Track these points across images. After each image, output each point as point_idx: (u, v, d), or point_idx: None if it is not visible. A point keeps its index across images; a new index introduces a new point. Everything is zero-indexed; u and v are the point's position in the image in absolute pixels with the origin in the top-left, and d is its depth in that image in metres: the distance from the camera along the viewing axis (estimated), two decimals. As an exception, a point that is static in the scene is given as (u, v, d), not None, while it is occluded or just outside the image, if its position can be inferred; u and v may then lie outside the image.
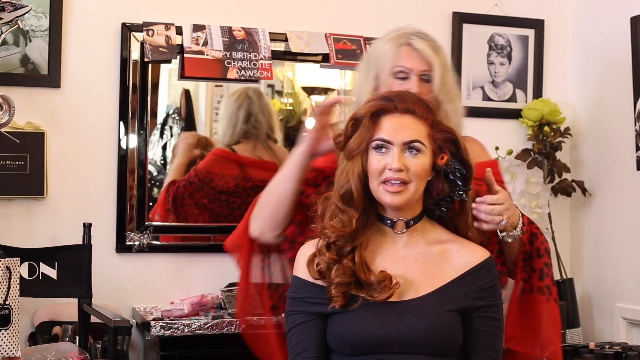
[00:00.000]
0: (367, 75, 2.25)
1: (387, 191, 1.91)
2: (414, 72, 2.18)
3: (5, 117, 2.91)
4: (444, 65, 2.20)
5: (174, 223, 3.41)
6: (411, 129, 1.92)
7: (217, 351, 3.01)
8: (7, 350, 2.49)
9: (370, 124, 1.93)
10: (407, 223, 1.97)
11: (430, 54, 2.18)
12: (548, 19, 3.81)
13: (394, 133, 1.91)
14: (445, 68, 2.20)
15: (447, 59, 2.24)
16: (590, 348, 3.08)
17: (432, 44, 2.20)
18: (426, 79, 2.19)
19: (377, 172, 1.91)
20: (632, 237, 3.44)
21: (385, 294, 1.88)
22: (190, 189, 3.39)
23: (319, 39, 3.46)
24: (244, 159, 3.48)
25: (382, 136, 1.92)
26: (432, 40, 2.23)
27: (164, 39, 3.26)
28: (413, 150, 1.92)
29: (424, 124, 1.94)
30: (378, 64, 2.22)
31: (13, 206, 3.16)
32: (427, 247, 1.97)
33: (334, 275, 1.90)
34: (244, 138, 3.48)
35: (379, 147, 1.92)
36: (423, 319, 1.88)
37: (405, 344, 1.88)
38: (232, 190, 3.44)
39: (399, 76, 2.19)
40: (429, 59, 2.18)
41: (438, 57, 2.19)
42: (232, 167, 3.46)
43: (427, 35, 2.24)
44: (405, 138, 1.91)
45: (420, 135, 1.93)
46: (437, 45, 2.22)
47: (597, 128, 3.65)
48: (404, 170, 1.90)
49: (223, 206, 3.43)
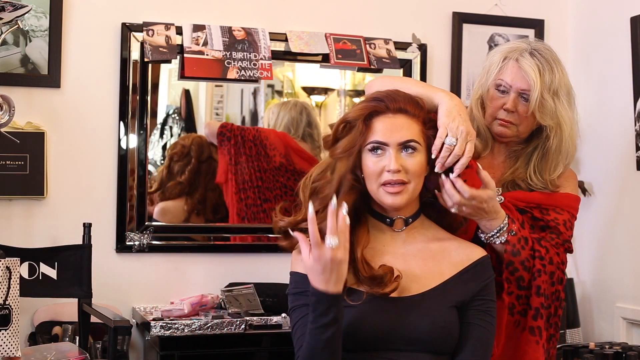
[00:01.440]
0: (480, 80, 2.30)
1: (388, 193, 1.92)
2: (513, 88, 2.21)
3: (5, 117, 2.91)
4: (548, 88, 2.19)
5: (174, 223, 3.41)
6: (405, 128, 1.93)
7: (217, 351, 3.01)
8: (7, 350, 2.49)
9: (364, 127, 1.94)
10: (406, 221, 1.99)
11: (532, 75, 2.18)
12: (548, 19, 3.81)
13: (388, 134, 1.92)
14: (548, 91, 2.19)
15: (558, 82, 2.21)
16: (590, 348, 3.08)
17: (540, 64, 2.20)
18: (525, 97, 2.21)
19: (375, 175, 1.92)
20: (632, 237, 3.44)
21: (389, 288, 1.89)
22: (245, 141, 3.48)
23: (319, 39, 3.46)
24: (293, 142, 3.54)
25: (377, 138, 1.93)
26: (545, 59, 2.22)
27: (164, 39, 3.26)
28: (409, 149, 1.93)
29: (417, 122, 1.96)
30: (488, 71, 2.27)
31: (13, 206, 3.16)
32: (426, 244, 2.00)
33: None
34: (300, 139, 3.55)
35: (374, 149, 1.93)
36: (426, 315, 1.90)
37: (407, 341, 1.89)
38: (277, 166, 3.51)
39: (500, 89, 2.23)
40: (530, 79, 2.19)
41: (542, 78, 2.19)
42: (281, 145, 3.53)
43: (544, 53, 2.23)
44: (401, 138, 1.92)
45: (415, 134, 1.94)
46: (547, 66, 2.21)
47: (597, 128, 3.65)
48: (402, 170, 1.91)
49: (270, 180, 3.50)
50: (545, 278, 2.14)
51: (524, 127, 2.25)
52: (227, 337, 3.01)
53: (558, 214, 2.23)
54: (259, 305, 3.08)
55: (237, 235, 3.44)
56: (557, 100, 2.21)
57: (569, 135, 2.24)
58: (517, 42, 2.30)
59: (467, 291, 1.95)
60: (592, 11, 3.72)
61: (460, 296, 1.94)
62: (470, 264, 1.97)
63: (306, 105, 3.57)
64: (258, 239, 3.45)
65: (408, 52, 3.60)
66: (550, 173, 2.25)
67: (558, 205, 2.24)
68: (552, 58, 2.23)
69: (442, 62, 3.68)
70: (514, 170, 2.29)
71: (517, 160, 2.29)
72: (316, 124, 3.59)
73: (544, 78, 2.19)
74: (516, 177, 2.27)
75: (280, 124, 3.53)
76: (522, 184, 2.26)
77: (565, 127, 2.22)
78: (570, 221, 2.25)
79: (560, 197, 2.26)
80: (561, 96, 2.21)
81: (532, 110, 2.19)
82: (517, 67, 2.21)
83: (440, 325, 1.90)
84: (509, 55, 2.24)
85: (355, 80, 3.65)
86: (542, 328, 2.13)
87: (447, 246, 2.00)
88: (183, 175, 3.43)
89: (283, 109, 3.55)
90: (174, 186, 3.42)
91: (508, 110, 2.22)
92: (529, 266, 2.13)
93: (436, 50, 3.66)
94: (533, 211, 2.22)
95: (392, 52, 3.51)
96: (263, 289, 3.15)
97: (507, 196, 2.22)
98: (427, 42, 3.64)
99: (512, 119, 2.23)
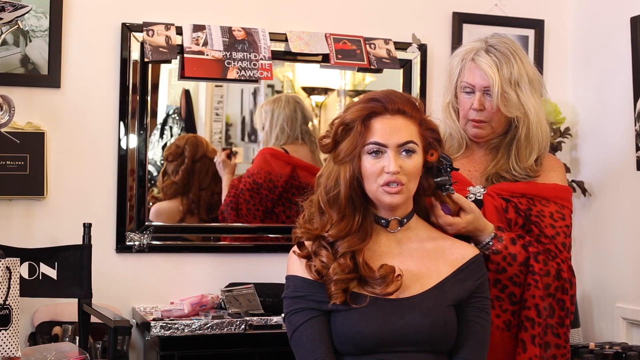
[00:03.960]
0: (445, 85, 2.36)
1: (387, 192, 1.93)
2: (476, 87, 2.25)
3: (5, 117, 2.91)
4: (508, 81, 2.22)
5: (174, 223, 3.41)
6: (403, 129, 1.95)
7: (217, 351, 3.01)
8: (7, 350, 2.49)
9: (362, 128, 1.95)
10: (401, 221, 2.01)
11: (489, 72, 2.22)
12: (548, 19, 3.81)
13: (387, 136, 1.93)
14: (509, 83, 2.22)
15: (517, 73, 2.23)
16: (590, 348, 3.08)
17: (496, 60, 2.23)
18: (490, 94, 2.24)
19: (374, 175, 1.94)
20: (632, 237, 3.44)
21: (391, 287, 1.90)
22: (248, 194, 3.45)
23: (319, 39, 3.46)
24: (295, 160, 3.53)
25: (376, 139, 1.94)
26: (502, 53, 2.24)
27: (164, 39, 3.25)
28: (407, 151, 1.95)
29: (414, 123, 1.98)
30: (450, 76, 2.32)
31: (13, 206, 3.16)
32: (421, 244, 2.02)
33: (332, 272, 1.91)
34: (300, 140, 3.54)
35: (373, 151, 1.94)
36: (426, 315, 1.92)
37: (408, 341, 1.90)
38: (282, 186, 3.50)
39: (466, 90, 2.27)
40: (488, 76, 2.22)
41: (500, 73, 2.22)
42: (282, 165, 3.51)
43: (500, 47, 2.26)
44: (400, 140, 1.94)
45: (412, 135, 1.96)
46: (504, 59, 2.24)
47: (597, 128, 3.65)
48: (401, 171, 1.93)
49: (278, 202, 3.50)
50: (538, 292, 2.15)
51: (496, 123, 2.29)
52: (227, 337, 3.01)
53: (544, 207, 2.24)
54: (259, 305, 3.08)
55: (237, 235, 3.44)
56: (520, 90, 2.24)
57: (536, 121, 2.27)
58: (473, 42, 2.34)
59: (464, 289, 1.98)
60: (592, 11, 3.72)
61: (458, 295, 1.97)
62: (465, 263, 2.01)
63: (298, 99, 3.56)
64: (258, 239, 3.45)
65: (408, 52, 3.60)
66: (525, 160, 2.28)
67: (544, 196, 2.26)
68: (509, 50, 2.26)
69: (442, 62, 3.67)
70: (496, 162, 2.31)
71: (498, 152, 2.32)
72: (311, 118, 3.59)
73: (502, 72, 2.23)
74: (499, 169, 2.30)
75: (276, 124, 3.51)
76: (507, 175, 2.29)
77: (531, 115, 2.26)
78: (559, 212, 2.26)
79: (545, 187, 2.27)
80: (523, 86, 2.25)
81: (496, 105, 2.21)
82: (475, 66, 2.26)
83: (440, 325, 1.92)
84: (465, 56, 2.30)
85: (355, 81, 3.65)
86: (526, 341, 2.15)
87: (441, 245, 2.03)
88: (177, 175, 3.44)
89: (277, 106, 3.53)
90: (169, 186, 3.43)
91: (476, 110, 2.25)
92: (518, 282, 2.15)
93: (436, 50, 3.66)
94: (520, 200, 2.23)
95: (392, 52, 3.51)
96: (263, 289, 3.15)
97: (491, 188, 2.24)
98: (427, 42, 3.64)
99: (483, 117, 2.27)
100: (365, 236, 1.96)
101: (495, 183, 2.28)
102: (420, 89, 3.61)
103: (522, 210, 2.22)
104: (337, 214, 1.95)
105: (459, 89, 2.30)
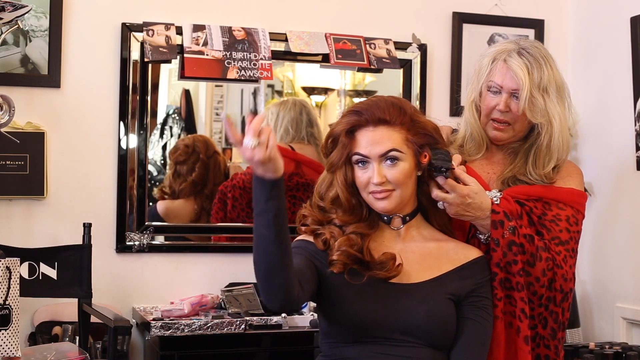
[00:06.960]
0: (472, 84, 2.32)
1: (376, 199, 1.98)
2: (504, 89, 2.23)
3: (5, 117, 2.91)
4: (537, 86, 2.21)
5: (174, 223, 3.41)
6: (385, 139, 1.96)
7: (217, 351, 3.01)
8: (7, 350, 2.49)
9: (347, 140, 1.99)
10: (404, 219, 2.03)
11: (520, 75, 2.20)
12: (548, 19, 3.81)
13: (369, 148, 1.96)
14: (538, 88, 2.21)
15: (547, 79, 2.22)
16: (590, 348, 3.08)
17: (528, 63, 2.22)
18: (517, 97, 2.22)
19: (363, 185, 1.99)
20: (632, 237, 3.44)
21: (390, 273, 1.93)
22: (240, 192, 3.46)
23: (319, 39, 3.46)
24: (300, 156, 3.53)
25: (359, 151, 1.97)
26: (534, 57, 2.23)
27: (164, 39, 3.26)
28: (391, 159, 1.96)
29: (399, 130, 1.98)
30: (479, 74, 2.29)
31: (13, 206, 3.16)
32: (424, 243, 2.04)
33: (340, 243, 1.94)
34: (305, 141, 3.54)
35: (359, 162, 1.98)
36: (422, 303, 1.93)
37: (404, 329, 1.91)
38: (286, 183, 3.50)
39: (492, 90, 2.25)
40: (519, 79, 2.20)
41: (530, 77, 2.20)
42: (286, 162, 3.51)
43: (532, 51, 2.24)
44: (381, 151, 1.96)
45: (396, 144, 1.97)
46: (535, 64, 2.22)
47: (597, 128, 3.65)
48: (386, 181, 1.96)
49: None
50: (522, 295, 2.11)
51: (519, 126, 2.27)
52: (227, 337, 3.01)
53: (560, 210, 2.23)
54: (259, 305, 3.08)
55: (238, 235, 3.44)
56: (547, 97, 2.23)
57: (559, 130, 2.25)
58: (505, 42, 2.32)
59: (463, 286, 1.98)
60: (592, 11, 3.72)
61: (456, 289, 1.97)
62: (468, 262, 2.02)
63: (305, 103, 3.57)
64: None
65: (408, 52, 3.60)
66: (542, 168, 2.27)
67: (561, 199, 2.25)
68: (541, 55, 2.25)
69: (442, 62, 3.68)
70: (514, 166, 2.30)
71: (516, 157, 2.31)
72: (316, 122, 3.59)
73: (533, 76, 2.21)
74: (517, 173, 2.29)
75: (281, 125, 3.53)
76: (524, 178, 2.28)
77: (555, 123, 2.24)
78: (575, 217, 2.25)
79: (563, 191, 2.26)
80: (551, 93, 2.23)
81: (522, 109, 2.21)
82: (506, 67, 2.23)
83: (437, 315, 1.93)
84: (497, 56, 2.26)
85: (355, 80, 3.65)
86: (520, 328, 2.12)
87: (445, 246, 2.04)
88: (194, 172, 3.44)
89: (282, 109, 3.55)
90: (187, 187, 3.43)
91: (501, 111, 2.24)
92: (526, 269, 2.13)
93: (436, 50, 3.66)
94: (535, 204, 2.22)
95: (392, 52, 3.51)
96: (263, 289, 3.15)
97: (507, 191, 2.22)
98: (427, 42, 3.64)
99: (507, 117, 2.25)
100: (373, 224, 2.01)
101: (511, 186, 2.27)
102: (420, 88, 3.61)
103: (536, 215, 2.21)
104: (344, 210, 2.00)
105: (484, 88, 2.28)
